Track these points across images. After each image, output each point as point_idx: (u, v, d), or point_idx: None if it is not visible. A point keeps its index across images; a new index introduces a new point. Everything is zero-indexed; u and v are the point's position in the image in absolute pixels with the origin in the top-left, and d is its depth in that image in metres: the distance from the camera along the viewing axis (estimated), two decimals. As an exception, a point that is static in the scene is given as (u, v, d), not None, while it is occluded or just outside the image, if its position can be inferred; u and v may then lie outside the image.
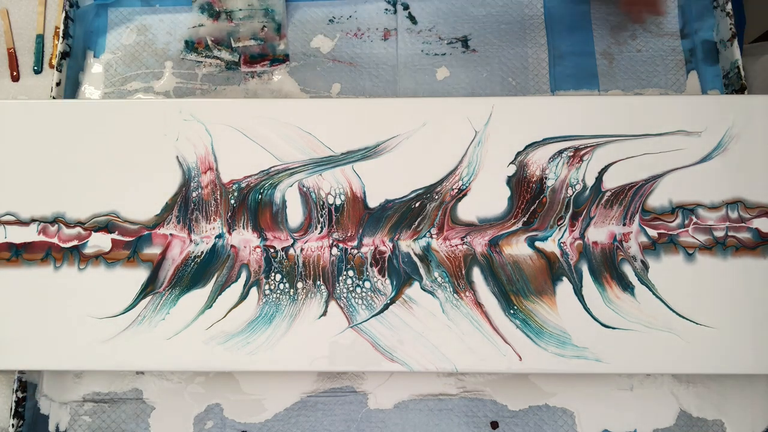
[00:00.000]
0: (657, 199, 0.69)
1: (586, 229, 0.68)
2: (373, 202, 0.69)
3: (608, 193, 0.69)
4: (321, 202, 0.69)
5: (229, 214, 0.69)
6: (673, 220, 0.69)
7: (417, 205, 0.69)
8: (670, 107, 0.72)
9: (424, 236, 0.68)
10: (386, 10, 0.84)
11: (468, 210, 0.69)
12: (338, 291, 0.67)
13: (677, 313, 0.66)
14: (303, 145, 0.71)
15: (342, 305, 0.66)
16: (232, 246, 0.68)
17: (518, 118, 0.71)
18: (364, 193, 0.70)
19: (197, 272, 0.67)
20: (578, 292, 0.66)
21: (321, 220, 0.69)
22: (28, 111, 0.73)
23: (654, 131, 0.71)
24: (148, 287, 0.67)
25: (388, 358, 0.64)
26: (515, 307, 0.66)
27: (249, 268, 0.67)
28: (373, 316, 0.66)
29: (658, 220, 0.69)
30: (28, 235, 0.69)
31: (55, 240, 0.68)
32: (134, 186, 0.70)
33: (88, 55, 0.83)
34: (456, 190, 0.70)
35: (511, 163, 0.70)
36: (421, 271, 0.67)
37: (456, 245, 0.68)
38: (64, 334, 0.65)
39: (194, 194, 0.70)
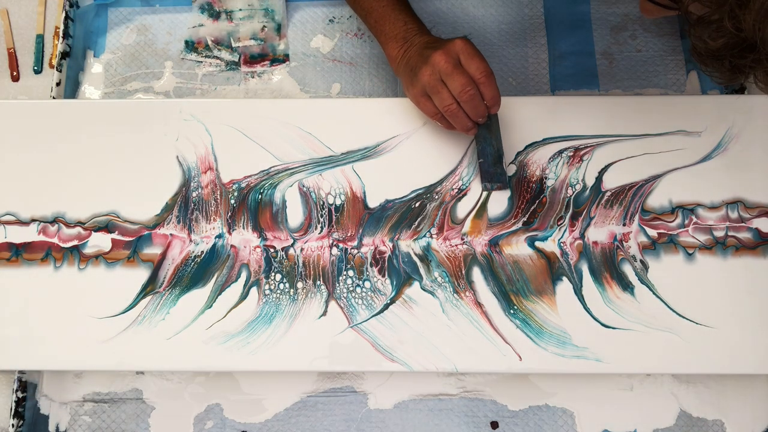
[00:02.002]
0: (657, 199, 0.69)
1: (586, 229, 0.68)
2: (373, 202, 0.69)
3: (608, 193, 0.69)
4: (321, 202, 0.69)
5: (229, 214, 0.69)
6: (673, 220, 0.69)
7: (417, 205, 0.69)
8: (670, 107, 0.72)
9: (424, 236, 0.68)
10: (386, 10, 0.83)
11: (468, 210, 0.69)
12: (338, 291, 0.67)
13: (677, 313, 0.66)
14: (303, 145, 0.71)
15: (342, 305, 0.66)
16: (232, 246, 0.68)
17: (518, 118, 0.71)
18: (364, 193, 0.70)
19: (197, 272, 0.67)
20: (578, 292, 0.66)
21: (321, 220, 0.69)
22: (28, 111, 0.73)
23: (654, 131, 0.71)
24: (148, 287, 0.67)
25: (388, 358, 0.64)
26: (515, 307, 0.66)
27: (249, 268, 0.67)
28: (373, 316, 0.66)
29: (658, 220, 0.69)
30: (28, 235, 0.69)
31: (55, 240, 0.68)
32: (134, 186, 0.70)
33: (88, 55, 0.83)
34: (456, 190, 0.70)
35: (511, 163, 0.71)
36: (421, 271, 0.67)
37: (456, 245, 0.68)
38: (64, 334, 0.65)
39: (194, 194, 0.70)
